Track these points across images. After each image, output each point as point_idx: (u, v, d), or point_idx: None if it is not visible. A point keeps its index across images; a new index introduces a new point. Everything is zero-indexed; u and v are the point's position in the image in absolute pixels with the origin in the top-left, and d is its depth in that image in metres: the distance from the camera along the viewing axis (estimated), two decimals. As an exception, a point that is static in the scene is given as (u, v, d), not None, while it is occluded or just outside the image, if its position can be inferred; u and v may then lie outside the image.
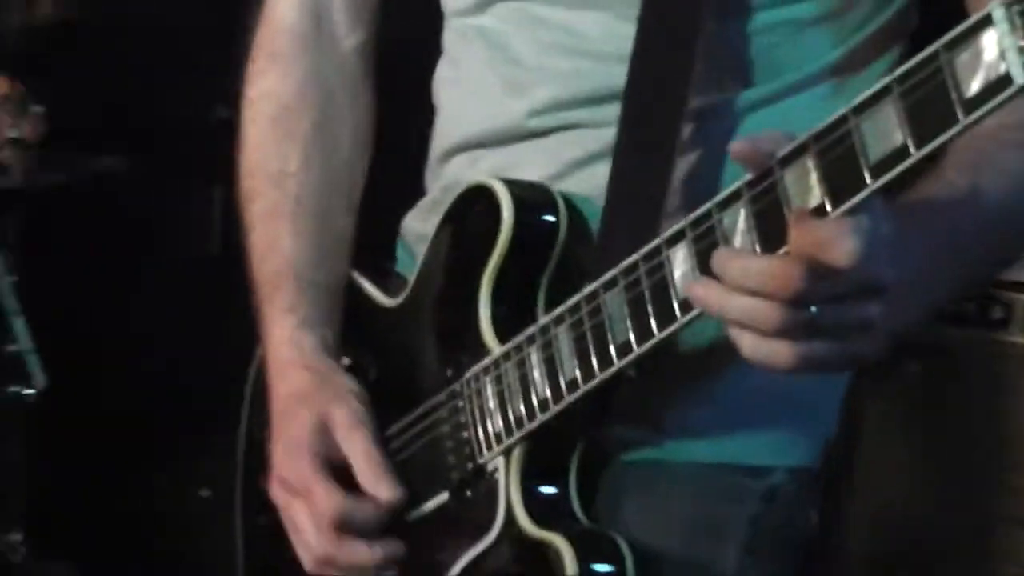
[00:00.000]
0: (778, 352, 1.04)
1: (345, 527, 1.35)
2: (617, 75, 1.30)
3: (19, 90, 3.03)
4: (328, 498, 1.35)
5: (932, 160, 1.09)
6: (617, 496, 1.32)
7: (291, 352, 1.46)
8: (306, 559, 1.39)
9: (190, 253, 3.04)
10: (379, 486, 1.35)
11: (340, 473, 1.37)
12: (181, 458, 2.85)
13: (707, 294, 1.06)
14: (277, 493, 1.41)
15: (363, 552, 1.36)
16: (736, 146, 1.06)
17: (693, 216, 1.12)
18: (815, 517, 1.40)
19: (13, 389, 2.83)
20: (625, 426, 1.32)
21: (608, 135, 1.31)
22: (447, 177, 1.49)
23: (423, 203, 1.53)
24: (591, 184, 1.32)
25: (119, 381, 3.34)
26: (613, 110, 1.30)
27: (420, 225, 1.51)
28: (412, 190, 1.54)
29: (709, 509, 1.33)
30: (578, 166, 1.36)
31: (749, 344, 1.06)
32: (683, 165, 1.29)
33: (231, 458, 1.62)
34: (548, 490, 1.29)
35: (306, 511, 1.37)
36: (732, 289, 1.04)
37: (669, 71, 1.27)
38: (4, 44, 3.12)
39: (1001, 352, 2.26)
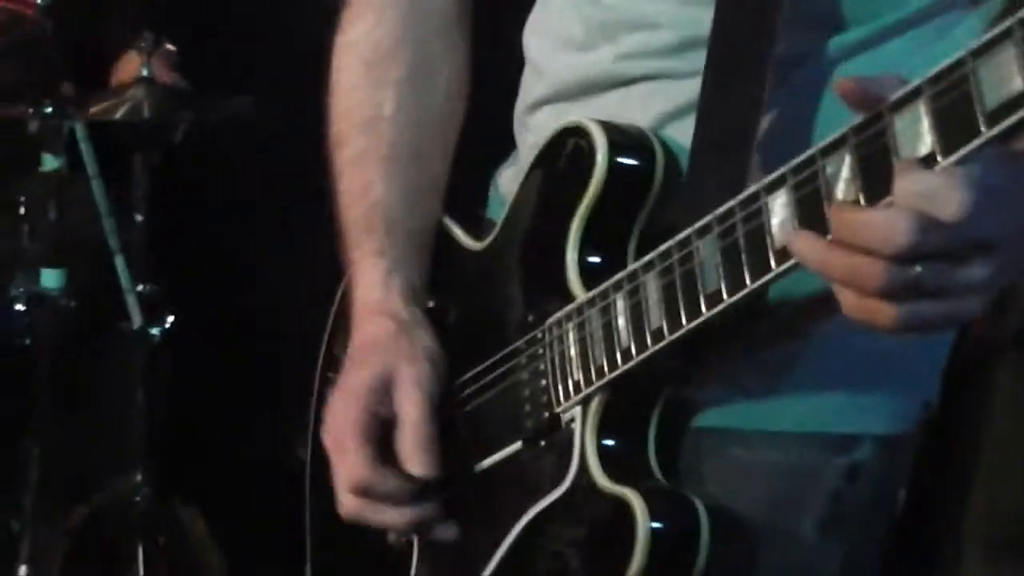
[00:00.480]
0: (880, 312, 1.01)
1: (368, 494, 1.37)
2: (706, 20, 1.27)
3: (151, 31, 3.07)
4: (356, 462, 1.37)
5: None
6: (695, 464, 1.31)
7: (377, 297, 1.46)
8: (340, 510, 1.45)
9: (319, 196, 3.07)
10: (412, 460, 1.36)
11: (390, 431, 1.40)
12: (301, 401, 2.89)
13: (808, 247, 1.04)
14: (325, 440, 1.44)
15: (389, 516, 1.39)
16: (844, 83, 1.02)
17: (795, 162, 1.08)
18: (903, 494, 1.39)
19: (135, 328, 2.87)
20: (709, 388, 1.30)
21: (697, 86, 1.28)
22: (534, 129, 1.47)
23: (514, 155, 1.53)
24: (684, 138, 1.30)
25: (242, 320, 3.40)
26: (702, 58, 1.28)
27: (511, 176, 1.51)
28: (507, 140, 1.52)
29: (788, 485, 1.32)
30: (669, 119, 1.34)
31: (850, 302, 1.03)
32: (772, 114, 1.26)
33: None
34: (625, 444, 1.28)
35: (344, 469, 1.39)
36: (835, 243, 1.01)
37: (756, 12, 1.24)
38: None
39: None
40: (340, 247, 1.55)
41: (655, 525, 1.20)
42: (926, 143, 0.97)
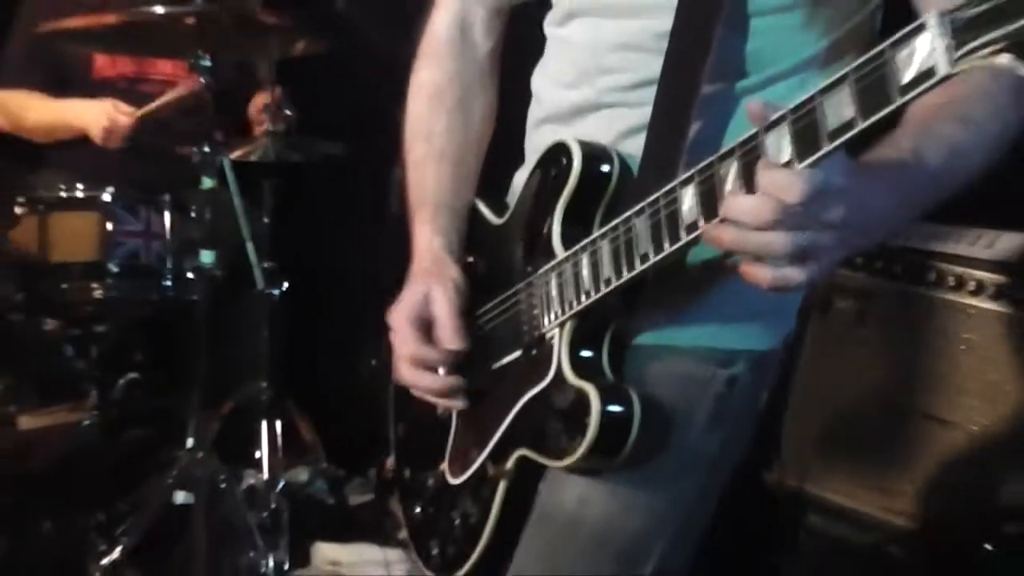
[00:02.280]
0: (760, 272, 1.05)
1: (419, 363, 1.42)
2: (655, 68, 1.29)
3: (278, 98, 3.26)
4: (408, 341, 1.42)
5: (882, 129, 1.05)
6: (633, 369, 1.32)
7: (426, 248, 1.49)
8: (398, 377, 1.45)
9: (381, 208, 3.22)
10: (446, 339, 1.41)
11: (430, 327, 1.43)
12: (367, 336, 3.11)
13: (712, 230, 1.07)
14: (392, 334, 1.46)
15: (431, 381, 1.43)
16: (751, 106, 1.05)
17: (699, 166, 1.11)
18: (766, 396, 1.41)
19: (266, 291, 3.11)
20: (641, 319, 1.33)
21: (644, 114, 1.29)
22: (535, 143, 1.47)
23: (526, 161, 1.52)
24: (635, 148, 1.30)
25: (335, 285, 3.60)
26: (649, 93, 1.29)
27: (517, 177, 1.53)
28: (523, 152, 1.55)
29: (688, 389, 1.34)
30: (625, 136, 1.35)
31: (744, 268, 1.06)
32: (695, 132, 1.26)
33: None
34: (587, 354, 1.31)
35: (400, 347, 1.44)
36: (723, 223, 1.05)
37: (689, 65, 1.25)
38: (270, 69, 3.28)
39: (912, 301, 2.33)
40: (399, 232, 1.58)
41: (604, 409, 1.24)
42: (786, 153, 1.00)
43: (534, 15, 1.53)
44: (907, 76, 0.89)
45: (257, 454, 3.13)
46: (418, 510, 1.56)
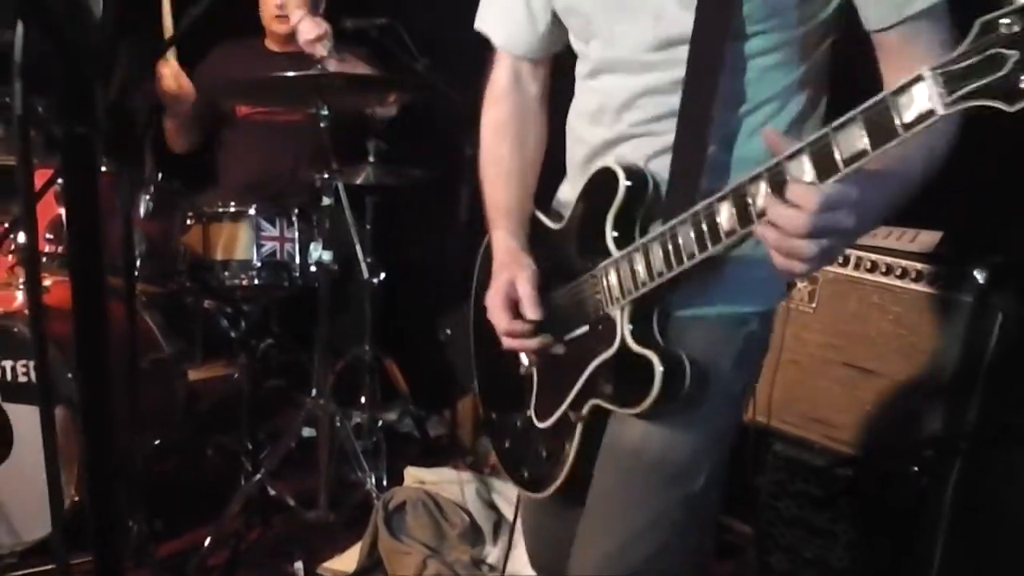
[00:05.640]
0: (791, 266, 1.03)
1: (511, 333, 1.39)
2: (671, 104, 1.22)
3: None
4: (503, 320, 1.38)
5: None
6: (675, 335, 1.28)
7: (504, 247, 1.44)
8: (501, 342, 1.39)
9: (453, 218, 3.15)
10: (529, 312, 1.36)
11: (517, 305, 1.37)
12: (442, 313, 3.05)
13: (761, 229, 1.04)
14: (489, 315, 1.41)
15: (522, 343, 1.39)
16: (769, 134, 1.02)
17: (732, 187, 1.07)
18: (769, 341, 1.35)
19: (369, 279, 2.98)
20: (678, 296, 1.28)
21: (666, 140, 1.23)
22: (573, 168, 1.43)
23: (565, 178, 1.48)
24: (660, 167, 1.25)
25: (419, 275, 3.52)
26: (668, 123, 1.23)
27: (562, 192, 1.48)
28: (562, 174, 1.48)
29: (719, 344, 1.29)
30: (650, 159, 1.29)
31: (778, 259, 1.03)
32: (710, 151, 1.21)
33: (460, 310, 1.61)
34: (643, 327, 1.26)
35: (498, 324, 1.39)
36: (766, 223, 1.01)
37: (702, 104, 1.19)
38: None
39: (853, 283, 2.25)
40: (467, 235, 1.55)
41: (666, 368, 1.20)
42: (809, 175, 0.98)
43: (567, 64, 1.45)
44: (909, 116, 0.89)
45: (362, 399, 3.11)
46: (507, 444, 1.51)
